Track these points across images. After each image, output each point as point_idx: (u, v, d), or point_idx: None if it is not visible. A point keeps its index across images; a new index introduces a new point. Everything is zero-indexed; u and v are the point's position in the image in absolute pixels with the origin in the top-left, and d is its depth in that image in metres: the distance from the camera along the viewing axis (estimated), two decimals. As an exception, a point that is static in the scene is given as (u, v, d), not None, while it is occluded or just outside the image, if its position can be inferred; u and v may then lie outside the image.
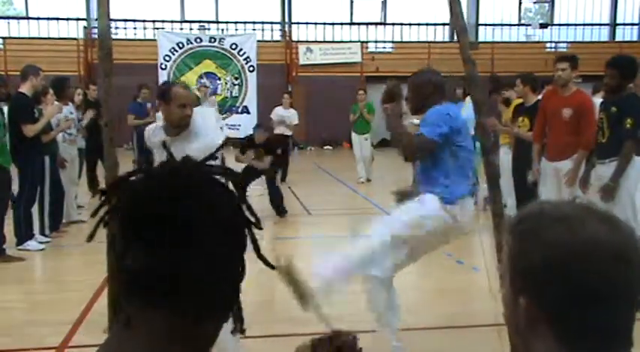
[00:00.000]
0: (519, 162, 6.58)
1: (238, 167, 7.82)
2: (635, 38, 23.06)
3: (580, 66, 5.95)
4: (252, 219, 0.97)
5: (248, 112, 18.56)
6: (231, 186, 0.98)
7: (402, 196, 4.03)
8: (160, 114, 14.22)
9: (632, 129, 4.87)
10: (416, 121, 10.71)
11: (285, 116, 11.84)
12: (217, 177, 0.97)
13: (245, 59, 19.49)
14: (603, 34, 22.95)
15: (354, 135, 11.89)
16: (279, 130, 11.42)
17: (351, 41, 21.35)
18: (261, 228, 0.97)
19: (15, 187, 6.48)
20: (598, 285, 0.91)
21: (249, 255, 0.98)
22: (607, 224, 0.95)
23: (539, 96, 6.59)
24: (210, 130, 4.07)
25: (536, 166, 5.94)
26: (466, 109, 9.10)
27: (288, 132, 11.87)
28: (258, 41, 19.98)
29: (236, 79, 19.62)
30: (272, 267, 1.05)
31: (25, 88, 6.52)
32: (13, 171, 6.38)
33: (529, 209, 1.02)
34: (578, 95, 5.67)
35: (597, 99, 6.29)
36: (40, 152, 6.63)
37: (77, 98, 8.43)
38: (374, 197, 10.11)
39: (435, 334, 4.22)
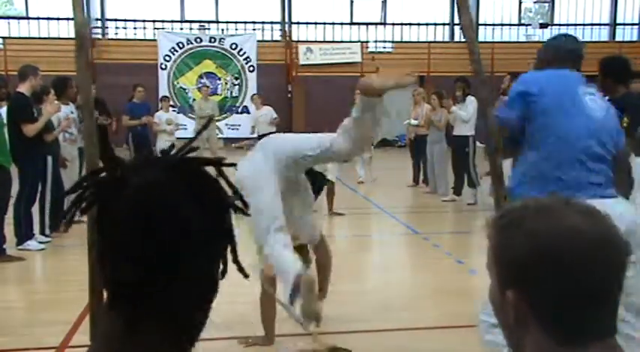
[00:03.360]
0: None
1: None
2: (635, 38, 23.06)
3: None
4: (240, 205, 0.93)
5: (248, 112, 18.55)
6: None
7: None
8: (159, 114, 14.24)
9: (629, 128, 4.87)
10: (414, 122, 10.76)
11: (263, 114, 12.10)
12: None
13: (245, 59, 19.51)
14: (603, 34, 22.95)
15: None
16: (265, 131, 11.71)
17: (351, 41, 21.36)
18: (248, 215, 0.94)
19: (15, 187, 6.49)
20: (581, 270, 0.93)
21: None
22: (587, 214, 0.97)
23: None
24: None
25: None
26: (468, 108, 9.12)
27: (272, 130, 12.06)
28: (258, 41, 20.00)
29: (236, 79, 19.63)
30: (245, 276, 0.98)
31: (24, 88, 6.52)
32: (14, 172, 6.38)
33: (511, 204, 1.05)
34: None
35: None
36: (41, 152, 6.63)
37: (80, 98, 8.45)
38: (374, 197, 10.11)
39: (435, 334, 4.22)
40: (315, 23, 21.68)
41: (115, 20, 20.81)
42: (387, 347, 3.96)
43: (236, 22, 21.10)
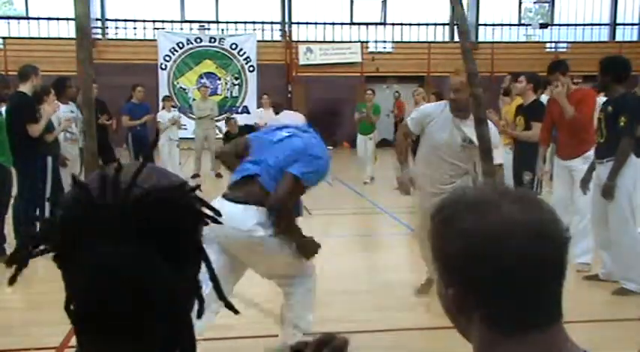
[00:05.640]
0: (519, 163, 6.56)
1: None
2: (635, 38, 23.06)
3: (580, 66, 6.03)
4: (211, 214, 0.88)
5: (248, 112, 18.57)
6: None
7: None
8: (161, 114, 14.24)
9: (625, 127, 4.87)
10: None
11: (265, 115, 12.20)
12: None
13: (245, 59, 19.51)
14: (603, 34, 22.95)
15: (359, 136, 11.95)
16: None
17: (351, 41, 21.35)
18: (220, 223, 0.88)
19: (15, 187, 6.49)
20: (519, 265, 0.90)
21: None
22: (522, 204, 0.94)
23: (542, 97, 6.59)
24: None
25: (541, 166, 6.06)
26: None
27: None
28: (258, 41, 20.00)
29: (236, 79, 19.62)
30: (235, 312, 0.96)
31: (26, 88, 6.52)
32: (14, 172, 6.38)
33: (449, 197, 1.01)
34: (577, 93, 5.80)
35: (602, 99, 6.31)
36: (41, 152, 6.63)
37: (80, 98, 8.46)
38: (375, 197, 10.10)
39: (435, 334, 4.21)
40: (315, 23, 21.68)
41: (115, 20, 20.81)
42: (381, 348, 3.96)
43: (236, 22, 21.10)
